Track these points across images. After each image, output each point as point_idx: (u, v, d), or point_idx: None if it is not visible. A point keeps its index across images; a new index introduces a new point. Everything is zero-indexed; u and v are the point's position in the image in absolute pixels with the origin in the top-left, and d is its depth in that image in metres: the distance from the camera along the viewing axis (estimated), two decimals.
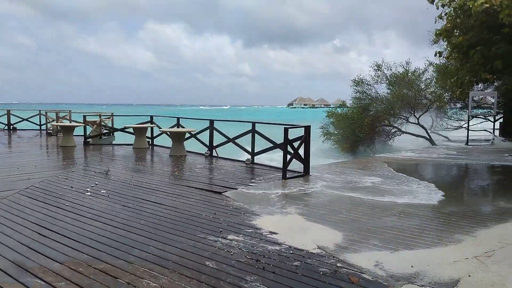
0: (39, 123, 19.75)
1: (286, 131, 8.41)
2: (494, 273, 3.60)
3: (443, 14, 12.66)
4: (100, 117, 15.65)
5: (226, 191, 6.97)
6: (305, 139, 8.71)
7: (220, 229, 4.84)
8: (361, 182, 7.99)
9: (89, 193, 6.68)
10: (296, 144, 8.67)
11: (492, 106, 16.93)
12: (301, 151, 8.72)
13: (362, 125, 20.02)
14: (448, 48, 13.90)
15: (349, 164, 10.68)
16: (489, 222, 5.24)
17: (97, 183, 7.53)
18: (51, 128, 18.17)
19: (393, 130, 21.89)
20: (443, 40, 14.07)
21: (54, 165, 9.90)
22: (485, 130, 19.88)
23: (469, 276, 3.53)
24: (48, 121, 18.96)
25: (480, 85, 17.83)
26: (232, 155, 11.67)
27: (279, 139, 8.93)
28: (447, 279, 3.48)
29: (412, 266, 3.73)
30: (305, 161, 8.70)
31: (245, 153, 10.57)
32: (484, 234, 4.75)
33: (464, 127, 19.37)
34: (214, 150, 11.57)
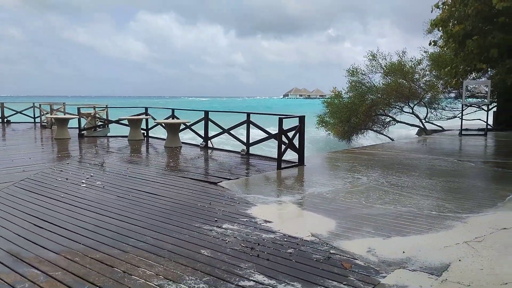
0: (33, 116, 19.67)
1: (280, 121, 8.43)
2: (484, 257, 3.67)
3: (440, 4, 12.61)
4: (94, 109, 15.59)
5: (221, 181, 7.01)
6: (300, 129, 8.74)
7: (215, 219, 4.88)
8: (352, 172, 8.05)
9: (84, 185, 6.70)
10: (290, 134, 8.71)
11: (486, 95, 17.00)
12: (296, 141, 8.76)
13: (358, 113, 20.05)
14: (443, 38, 13.90)
15: (342, 154, 10.74)
16: (480, 209, 5.31)
17: (92, 175, 7.55)
18: (45, 121, 18.10)
19: (387, 120, 21.97)
20: (438, 30, 14.05)
21: (49, 157, 9.89)
22: (479, 120, 20.00)
23: (459, 260, 3.60)
24: (42, 113, 18.89)
25: (474, 74, 17.88)
26: (227, 146, 11.71)
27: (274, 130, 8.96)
28: (437, 263, 3.55)
29: (403, 252, 3.80)
30: (300, 151, 8.74)
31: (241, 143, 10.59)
32: (475, 220, 4.82)
33: (458, 117, 19.46)
34: (209, 141, 11.59)
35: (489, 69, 15.49)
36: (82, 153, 10.56)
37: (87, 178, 7.25)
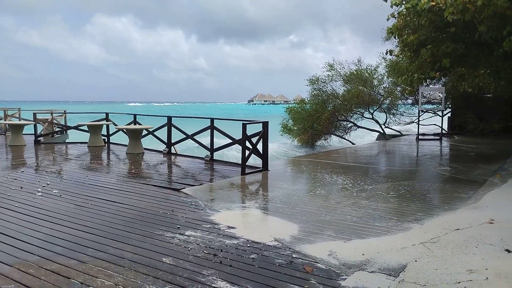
0: None
1: (244, 126, 8.46)
2: (438, 257, 3.83)
3: (395, 13, 13.05)
4: (52, 114, 15.02)
5: (185, 188, 6.93)
6: (263, 135, 8.80)
7: (178, 226, 4.82)
8: (314, 177, 8.19)
9: (40, 194, 6.43)
10: (254, 140, 8.74)
11: (441, 102, 17.78)
12: (260, 147, 8.80)
13: (320, 120, 20.44)
14: (399, 45, 14.41)
15: (305, 159, 10.90)
16: (435, 211, 5.54)
17: (48, 183, 7.26)
18: None
19: (349, 125, 22.51)
20: (394, 38, 14.53)
21: (2, 165, 9.42)
22: (435, 125, 20.87)
23: (416, 261, 3.74)
24: None
25: (428, 81, 18.65)
26: (192, 152, 11.59)
27: (238, 135, 8.97)
28: (395, 264, 3.67)
29: (363, 254, 3.90)
30: (264, 156, 8.80)
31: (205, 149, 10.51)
32: (430, 222, 5.02)
33: (416, 122, 20.22)
34: (172, 147, 11.44)
35: (442, 77, 16.18)
36: (39, 160, 10.14)
37: (43, 186, 6.97)
